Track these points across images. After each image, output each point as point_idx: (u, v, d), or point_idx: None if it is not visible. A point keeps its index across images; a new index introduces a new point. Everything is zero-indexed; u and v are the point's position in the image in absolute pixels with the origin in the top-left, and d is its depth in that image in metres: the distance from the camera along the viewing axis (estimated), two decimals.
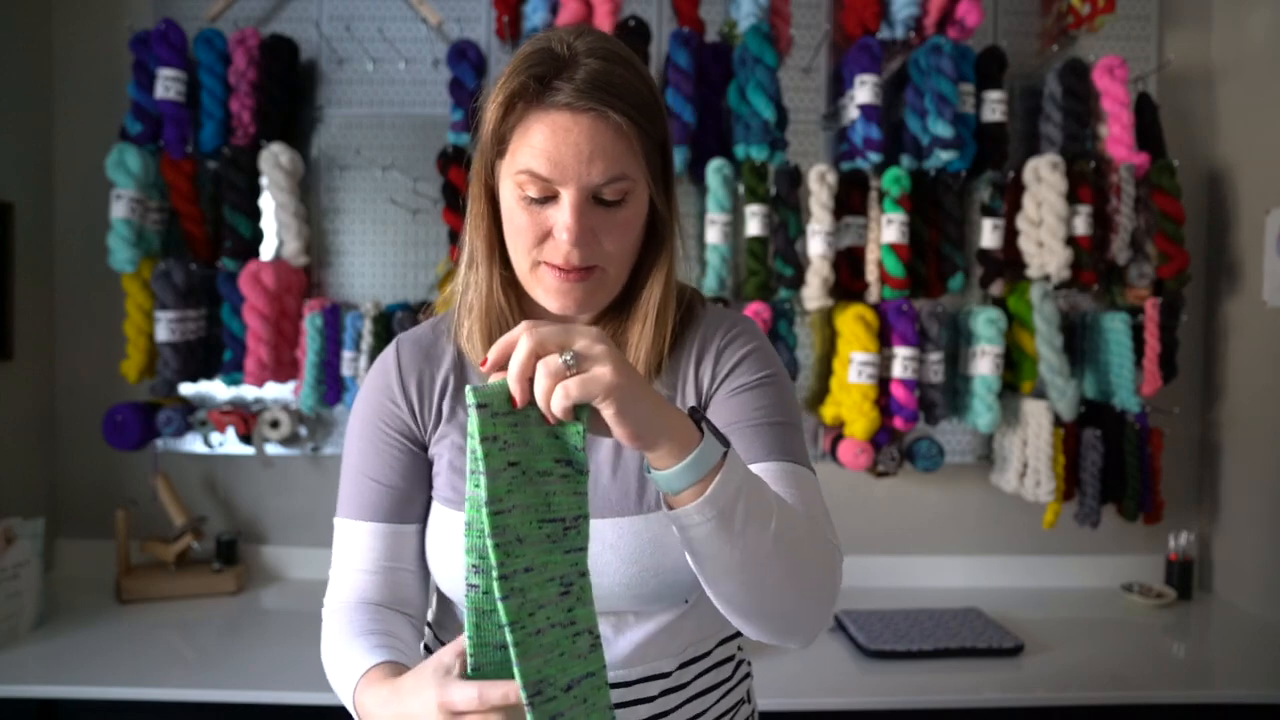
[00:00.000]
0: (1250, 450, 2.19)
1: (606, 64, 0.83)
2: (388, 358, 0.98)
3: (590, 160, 0.82)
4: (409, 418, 0.96)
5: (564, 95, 0.81)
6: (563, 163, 0.82)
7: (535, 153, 0.82)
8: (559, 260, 0.85)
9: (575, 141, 0.82)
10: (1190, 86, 2.29)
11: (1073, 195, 2.07)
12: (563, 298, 0.87)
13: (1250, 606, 2.15)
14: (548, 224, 0.85)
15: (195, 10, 2.19)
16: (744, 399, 0.93)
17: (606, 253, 0.86)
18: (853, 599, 2.13)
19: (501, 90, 0.84)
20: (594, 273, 0.87)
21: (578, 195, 0.83)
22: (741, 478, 0.75)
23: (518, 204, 0.85)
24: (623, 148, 0.84)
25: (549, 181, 0.83)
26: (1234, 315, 2.24)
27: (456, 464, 0.94)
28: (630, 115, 0.83)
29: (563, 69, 0.82)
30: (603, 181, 0.83)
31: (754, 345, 0.97)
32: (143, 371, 2.11)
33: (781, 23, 2.14)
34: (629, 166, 0.84)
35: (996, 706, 1.70)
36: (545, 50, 0.84)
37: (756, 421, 0.92)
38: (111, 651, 1.80)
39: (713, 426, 0.75)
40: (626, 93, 0.83)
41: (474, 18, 2.23)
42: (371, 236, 2.26)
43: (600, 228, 0.85)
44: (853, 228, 2.14)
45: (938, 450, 2.17)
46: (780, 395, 0.95)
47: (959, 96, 2.06)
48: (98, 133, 2.20)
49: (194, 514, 2.21)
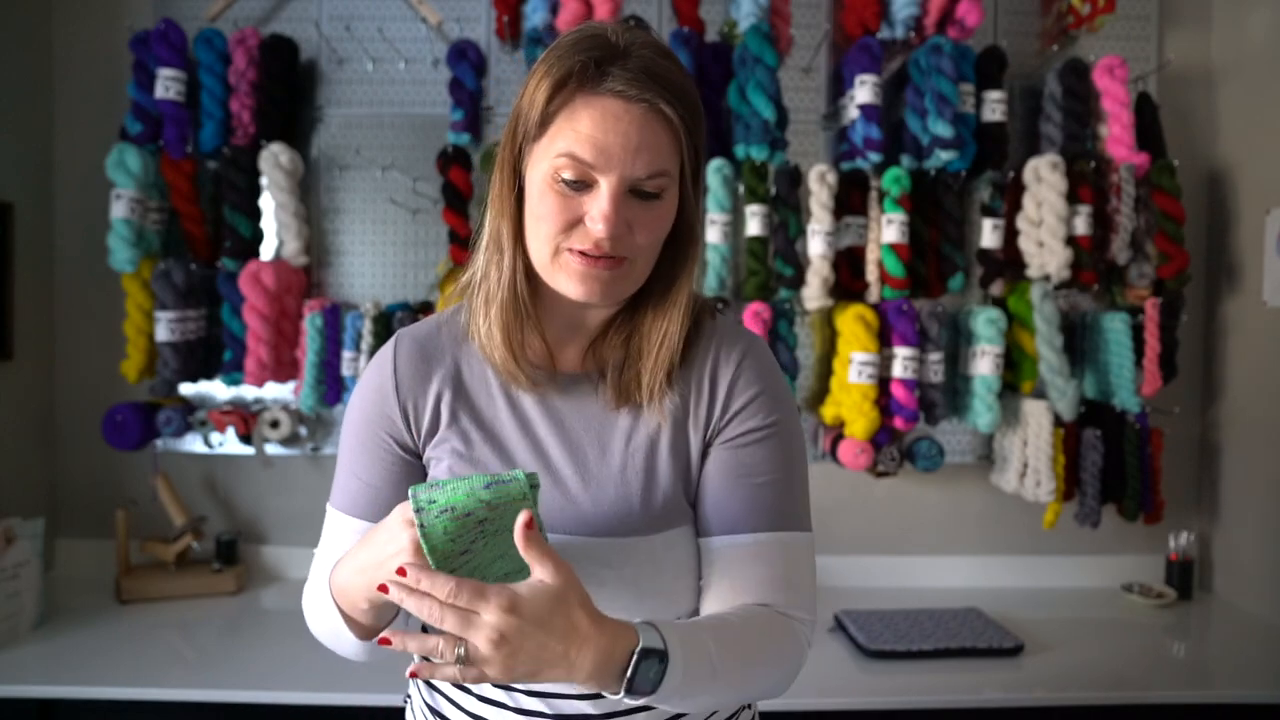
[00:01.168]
0: (1250, 450, 2.19)
1: (659, 57, 0.83)
2: (385, 358, 0.95)
3: (637, 151, 0.81)
4: (401, 424, 0.94)
5: (618, 82, 0.80)
6: (609, 150, 0.81)
7: (581, 137, 0.81)
8: (588, 246, 0.83)
9: (625, 130, 0.80)
10: (1190, 86, 2.29)
11: (1073, 195, 2.07)
12: (588, 283, 0.85)
13: (1250, 606, 2.15)
14: (579, 210, 0.83)
15: (195, 10, 2.19)
16: (747, 454, 0.92)
17: (637, 245, 0.85)
18: (853, 599, 2.13)
19: (551, 71, 0.82)
20: (622, 264, 0.86)
21: (618, 185, 0.82)
22: (680, 676, 0.77)
23: (550, 188, 0.83)
24: (668, 143, 0.83)
25: (591, 167, 0.81)
26: (1234, 315, 2.24)
27: (456, 469, 0.92)
28: (679, 112, 0.83)
29: (617, 56, 0.82)
30: (645, 175, 0.82)
31: (764, 385, 0.94)
32: (143, 371, 2.11)
33: (781, 23, 2.14)
34: (670, 162, 0.84)
35: (996, 706, 1.70)
36: (600, 36, 0.83)
37: (757, 481, 0.91)
38: (111, 651, 1.80)
39: (646, 649, 0.76)
40: (678, 89, 0.83)
41: (474, 18, 2.23)
42: (371, 236, 2.26)
43: (635, 220, 0.84)
44: (853, 228, 2.14)
45: (938, 450, 2.17)
46: (784, 445, 0.94)
47: (959, 96, 2.06)
48: (98, 133, 2.20)
49: (194, 514, 2.21)
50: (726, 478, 0.92)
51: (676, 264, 0.92)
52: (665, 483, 0.92)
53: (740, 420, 0.93)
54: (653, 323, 0.92)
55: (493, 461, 0.92)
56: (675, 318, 0.91)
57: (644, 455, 0.92)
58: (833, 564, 2.25)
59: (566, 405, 0.94)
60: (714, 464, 0.93)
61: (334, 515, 0.97)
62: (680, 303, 0.91)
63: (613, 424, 0.93)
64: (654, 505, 0.91)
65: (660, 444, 0.92)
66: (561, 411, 0.93)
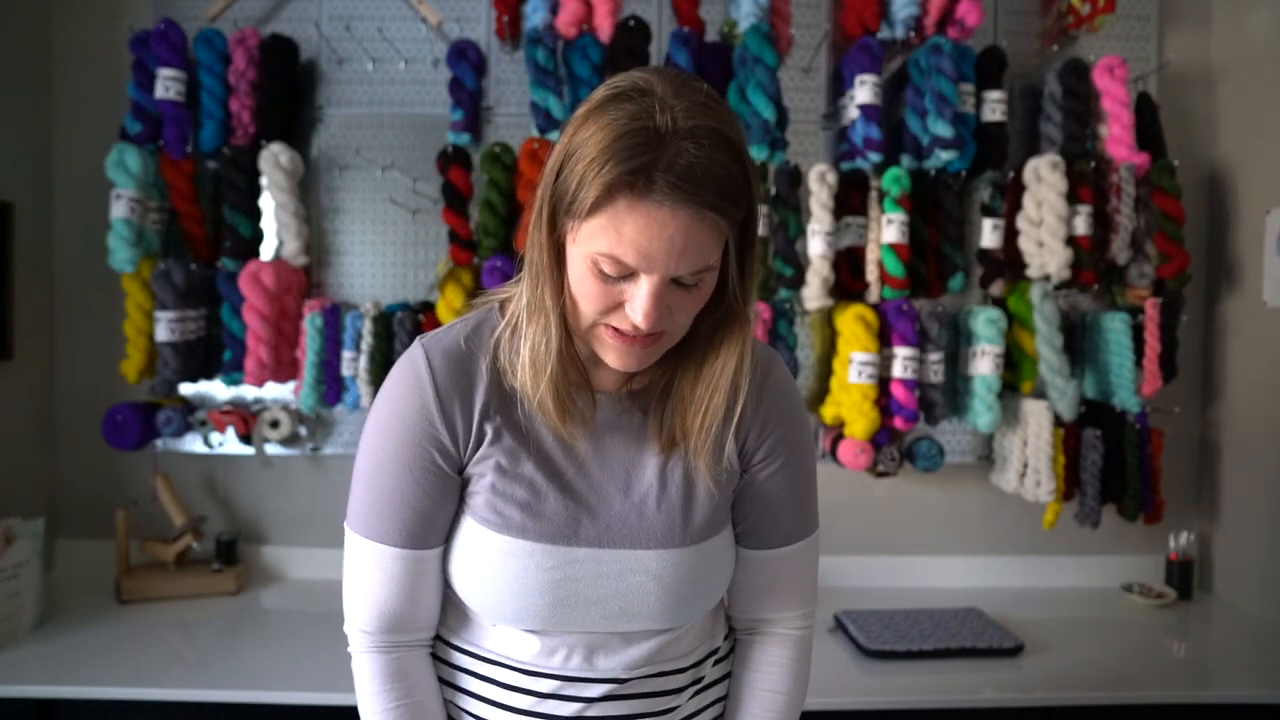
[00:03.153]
0: (1250, 450, 2.19)
1: (707, 150, 0.79)
2: (420, 373, 0.93)
3: (681, 255, 0.81)
4: (448, 440, 0.93)
5: (663, 192, 0.78)
6: (652, 255, 0.80)
7: (623, 241, 0.80)
8: (626, 327, 0.85)
9: (670, 237, 0.80)
10: (1190, 86, 2.29)
11: (1073, 195, 2.07)
12: (624, 358, 0.88)
13: (1250, 606, 2.15)
14: (619, 297, 0.84)
15: (195, 10, 2.19)
16: (780, 481, 1.01)
17: (675, 321, 0.87)
18: (853, 599, 2.13)
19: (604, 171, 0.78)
20: (661, 338, 0.88)
21: (660, 283, 0.82)
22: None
23: (590, 274, 0.83)
24: (712, 240, 0.82)
25: (633, 269, 0.82)
26: (1234, 315, 2.24)
27: (499, 487, 0.93)
28: (723, 209, 0.81)
29: (662, 155, 0.78)
30: (688, 272, 0.83)
31: (790, 414, 1.02)
32: (143, 371, 2.11)
33: (781, 23, 2.14)
34: (714, 255, 0.84)
35: (996, 706, 1.70)
36: (649, 129, 0.78)
37: (790, 500, 1.03)
38: (111, 651, 1.80)
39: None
40: (723, 184, 0.80)
41: (474, 17, 2.23)
42: (371, 236, 2.26)
43: (674, 303, 0.85)
44: (853, 228, 2.14)
45: (938, 450, 2.17)
46: (807, 462, 1.04)
47: (959, 96, 2.06)
48: (98, 133, 2.20)
49: (194, 514, 2.21)
50: (767, 500, 1.02)
51: (719, 331, 0.92)
52: (703, 498, 0.97)
53: (773, 454, 1.01)
54: (694, 386, 0.94)
55: (537, 477, 0.94)
56: (723, 389, 0.92)
57: (681, 475, 0.97)
58: (833, 564, 2.25)
59: (607, 426, 0.97)
60: (750, 489, 1.01)
61: (368, 546, 0.95)
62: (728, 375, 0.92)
63: (651, 447, 0.97)
64: (694, 519, 0.96)
65: (699, 471, 0.96)
66: (602, 432, 0.97)
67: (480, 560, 0.94)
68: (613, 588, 0.93)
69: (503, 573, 0.92)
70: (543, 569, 0.92)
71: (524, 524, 0.92)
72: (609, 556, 0.93)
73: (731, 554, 1.02)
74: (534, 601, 0.92)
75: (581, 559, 0.92)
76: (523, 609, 0.92)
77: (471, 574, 0.94)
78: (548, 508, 0.93)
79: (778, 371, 1.02)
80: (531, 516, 0.92)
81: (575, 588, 0.92)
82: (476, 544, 0.94)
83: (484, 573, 0.93)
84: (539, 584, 0.92)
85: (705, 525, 0.96)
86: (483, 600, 0.95)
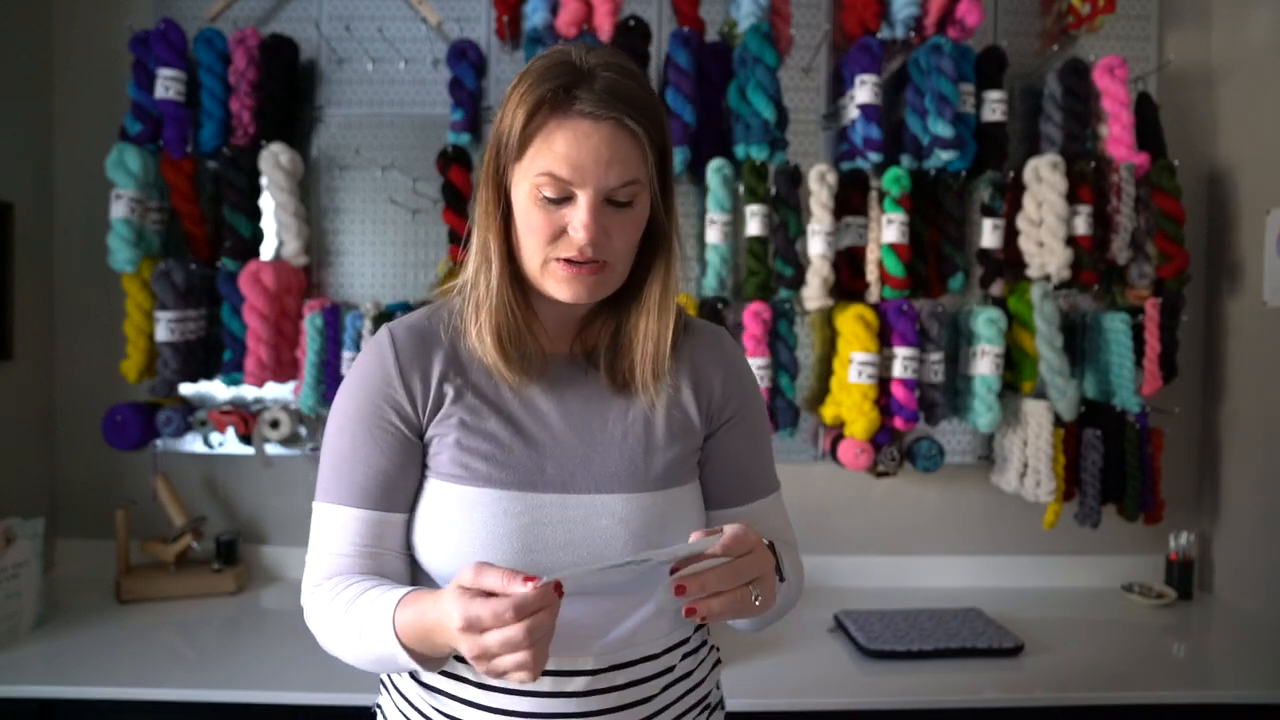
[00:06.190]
0: (1250, 450, 2.19)
1: (620, 77, 0.92)
2: (382, 345, 0.99)
3: (608, 165, 0.90)
4: (407, 404, 0.98)
5: (586, 104, 0.89)
6: (583, 166, 0.89)
7: (557, 157, 0.89)
8: (573, 253, 0.92)
9: (595, 147, 0.89)
10: (1190, 86, 2.29)
11: (1073, 195, 2.07)
12: (574, 287, 0.94)
13: (1250, 606, 2.15)
14: (562, 222, 0.92)
15: (195, 10, 2.19)
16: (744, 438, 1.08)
17: (615, 249, 0.94)
18: (853, 599, 2.13)
19: (525, 97, 0.90)
20: (604, 268, 0.94)
21: (594, 197, 0.90)
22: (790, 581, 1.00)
23: (534, 204, 0.92)
24: (635, 153, 0.92)
25: (569, 183, 0.90)
26: (1234, 315, 2.24)
27: (464, 442, 0.96)
28: (642, 123, 0.91)
29: (582, 80, 0.90)
30: (618, 184, 0.91)
31: (745, 379, 1.10)
32: (143, 371, 2.11)
33: (781, 23, 2.14)
34: (639, 170, 0.92)
35: (996, 706, 1.70)
36: (566, 63, 0.92)
37: (755, 454, 1.09)
38: (111, 651, 1.80)
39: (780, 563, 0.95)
40: (639, 103, 0.92)
41: (474, 18, 2.23)
42: (371, 236, 2.26)
43: (611, 226, 0.93)
44: (853, 228, 2.14)
45: (938, 450, 2.17)
46: (764, 423, 1.13)
47: (959, 96, 2.06)
48: (98, 133, 2.20)
49: (194, 514, 2.21)
50: (729, 459, 1.07)
51: (652, 264, 1.00)
52: (663, 445, 1.01)
53: (736, 415, 1.07)
54: (636, 319, 1.01)
55: (501, 431, 0.97)
56: (654, 314, 1.00)
57: (642, 425, 1.02)
58: (833, 564, 2.25)
59: (563, 384, 1.02)
60: (718, 449, 1.06)
61: (330, 510, 0.98)
62: (657, 300, 1.00)
63: (609, 400, 1.02)
64: (655, 463, 1.00)
65: (656, 417, 1.02)
66: (560, 389, 1.01)
67: (447, 516, 0.95)
68: (580, 533, 0.95)
69: (471, 523, 0.94)
70: (510, 514, 0.94)
71: (489, 473, 0.95)
72: (574, 501, 0.96)
73: (700, 509, 1.05)
74: (503, 548, 0.93)
75: (548, 504, 0.95)
76: (492, 559, 0.91)
77: (438, 533, 0.96)
78: (512, 458, 0.96)
79: (729, 341, 1.11)
80: (497, 467, 0.96)
81: (543, 532, 0.94)
82: (442, 501, 0.96)
83: (452, 528, 0.95)
84: (507, 530, 0.93)
85: (667, 470, 1.00)
86: (451, 558, 0.94)
